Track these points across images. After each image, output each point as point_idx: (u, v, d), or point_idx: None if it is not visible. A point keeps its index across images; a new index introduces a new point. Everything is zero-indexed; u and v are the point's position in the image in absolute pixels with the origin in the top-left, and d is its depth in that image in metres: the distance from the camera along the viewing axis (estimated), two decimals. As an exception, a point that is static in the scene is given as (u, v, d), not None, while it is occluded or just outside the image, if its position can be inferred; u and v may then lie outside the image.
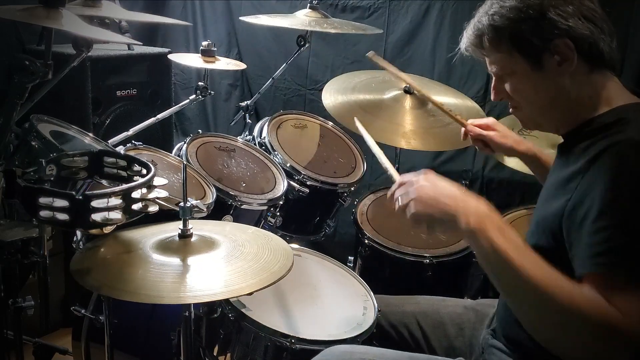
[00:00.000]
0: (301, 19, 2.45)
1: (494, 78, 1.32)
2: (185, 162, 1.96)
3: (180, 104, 2.46)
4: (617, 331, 0.97)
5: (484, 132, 1.67)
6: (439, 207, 1.13)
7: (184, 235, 1.35)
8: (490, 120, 1.71)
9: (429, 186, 1.16)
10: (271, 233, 1.51)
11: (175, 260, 1.30)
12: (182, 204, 1.35)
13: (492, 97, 1.33)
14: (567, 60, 1.19)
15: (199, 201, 1.51)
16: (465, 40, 1.31)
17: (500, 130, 1.66)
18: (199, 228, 1.40)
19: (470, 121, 1.73)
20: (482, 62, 1.34)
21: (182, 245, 1.34)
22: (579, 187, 1.11)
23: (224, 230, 1.47)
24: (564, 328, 1.01)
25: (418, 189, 1.17)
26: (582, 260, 1.06)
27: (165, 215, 1.49)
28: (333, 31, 2.40)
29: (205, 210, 1.68)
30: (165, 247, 1.34)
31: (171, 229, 1.40)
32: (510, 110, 1.34)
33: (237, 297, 1.54)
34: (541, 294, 1.01)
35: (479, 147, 1.71)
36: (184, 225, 1.35)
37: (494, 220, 1.09)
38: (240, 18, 2.47)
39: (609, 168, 1.07)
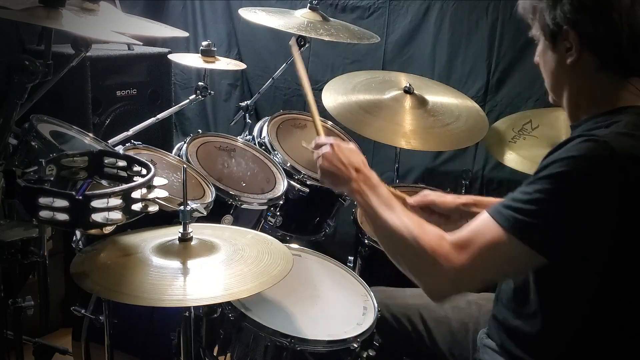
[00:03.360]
0: (299, 20, 2.44)
1: None
2: (185, 165, 1.96)
3: (180, 104, 2.46)
4: (444, 271, 1.19)
5: (425, 199, 1.72)
6: (337, 171, 1.45)
7: (184, 238, 1.35)
8: (425, 192, 1.75)
9: (333, 152, 1.46)
10: (271, 237, 1.52)
11: (175, 264, 1.30)
12: (182, 207, 1.35)
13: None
14: (572, 49, 1.21)
15: (199, 204, 1.51)
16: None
17: (434, 194, 1.74)
18: (199, 232, 1.40)
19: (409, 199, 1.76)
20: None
21: (182, 249, 1.34)
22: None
23: (223, 234, 1.47)
24: (411, 261, 1.27)
25: (326, 152, 1.47)
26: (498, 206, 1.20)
27: (164, 215, 1.49)
28: (327, 38, 2.39)
29: (205, 213, 1.68)
30: (165, 250, 1.35)
31: (171, 233, 1.40)
32: None
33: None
34: (392, 235, 1.29)
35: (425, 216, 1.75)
36: (184, 228, 1.35)
37: (370, 182, 1.41)
38: (239, 11, 2.46)
39: (567, 152, 1.12)
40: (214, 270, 1.30)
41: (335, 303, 1.68)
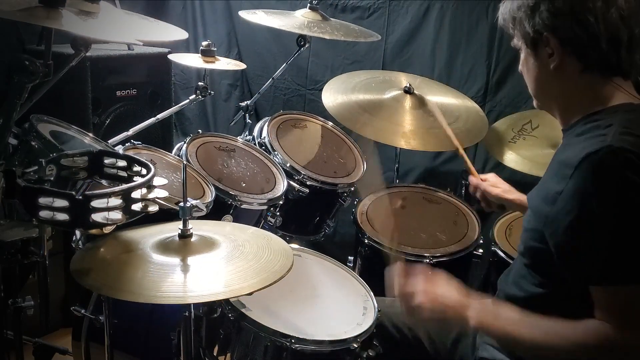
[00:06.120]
0: (299, 20, 2.44)
1: None
2: (185, 162, 1.97)
3: (180, 104, 2.46)
4: (617, 348, 1.13)
5: (481, 183, 1.79)
6: (445, 315, 1.32)
7: (184, 235, 1.35)
8: (489, 175, 1.83)
9: (430, 299, 1.33)
10: (271, 233, 1.51)
11: (175, 261, 1.30)
12: (182, 204, 1.35)
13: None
14: (554, 54, 1.24)
15: (198, 201, 1.51)
16: (502, 10, 1.36)
17: (492, 181, 1.79)
18: (199, 228, 1.40)
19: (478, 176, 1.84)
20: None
21: (182, 246, 1.34)
22: (564, 194, 1.15)
23: (223, 231, 1.46)
24: None
25: (421, 301, 1.33)
26: (590, 274, 1.16)
27: (164, 215, 1.49)
28: (326, 37, 2.40)
29: (204, 209, 1.68)
30: (165, 247, 1.34)
31: (171, 229, 1.40)
32: None
33: (237, 297, 1.54)
34: (548, 348, 1.19)
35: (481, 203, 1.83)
36: (184, 225, 1.35)
37: (488, 311, 1.30)
38: (239, 13, 2.46)
39: (591, 179, 1.12)
40: (215, 266, 1.30)
41: (335, 303, 1.68)
